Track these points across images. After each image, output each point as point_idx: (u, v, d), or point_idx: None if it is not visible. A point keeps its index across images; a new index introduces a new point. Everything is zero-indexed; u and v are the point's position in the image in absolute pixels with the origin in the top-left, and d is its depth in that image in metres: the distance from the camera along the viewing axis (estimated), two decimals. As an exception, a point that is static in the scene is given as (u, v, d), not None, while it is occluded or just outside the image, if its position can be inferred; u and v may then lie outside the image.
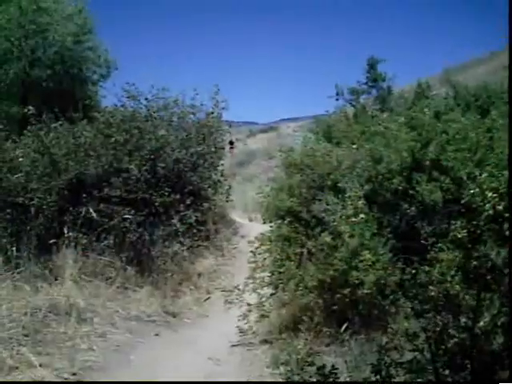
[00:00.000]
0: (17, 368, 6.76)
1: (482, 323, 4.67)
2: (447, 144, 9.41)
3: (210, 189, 13.87)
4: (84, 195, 11.99)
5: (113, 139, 12.58)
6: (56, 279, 9.98)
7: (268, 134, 43.03)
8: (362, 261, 7.68)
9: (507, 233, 4.48)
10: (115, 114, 13.59)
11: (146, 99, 13.88)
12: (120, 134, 12.69)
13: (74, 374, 7.03)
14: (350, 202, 8.56)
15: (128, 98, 13.85)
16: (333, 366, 4.64)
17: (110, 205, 11.83)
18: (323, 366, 4.56)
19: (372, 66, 17.81)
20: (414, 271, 5.44)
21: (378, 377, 4.55)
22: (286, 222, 10.36)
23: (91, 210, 11.54)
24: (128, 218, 11.62)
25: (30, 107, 13.55)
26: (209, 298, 11.60)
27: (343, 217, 8.30)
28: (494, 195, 4.45)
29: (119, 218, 11.60)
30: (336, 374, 4.53)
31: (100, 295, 10.02)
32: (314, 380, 4.52)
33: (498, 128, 10.19)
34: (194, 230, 12.77)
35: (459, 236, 4.54)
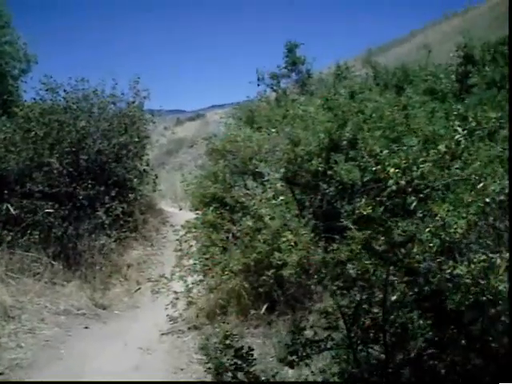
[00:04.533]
0: None
1: (394, 297, 4.82)
2: (364, 123, 9.55)
3: (135, 179, 13.83)
4: (6, 191, 11.81)
5: (32, 133, 12.42)
6: (-19, 278, 9.85)
7: (196, 121, 42.88)
8: (284, 242, 7.76)
9: (411, 207, 4.64)
10: (34, 107, 13.38)
11: (65, 91, 13.65)
12: (39, 127, 12.52)
13: (0, 374, 6.95)
14: (269, 186, 8.67)
15: (46, 90, 13.60)
16: (249, 347, 4.74)
17: (34, 200, 11.70)
18: (240, 348, 4.65)
19: (290, 50, 17.90)
20: (335, 250, 5.54)
21: (295, 357, 4.67)
22: (211, 208, 10.41)
23: (9, 207, 11.39)
24: (51, 213, 11.51)
25: None
26: (139, 288, 11.58)
27: (263, 200, 8.39)
28: (397, 171, 4.59)
29: (43, 213, 11.47)
30: (252, 355, 4.63)
31: (28, 292, 9.95)
32: (233, 362, 4.59)
33: (413, 105, 10.40)
34: (121, 222, 12.75)
35: (364, 213, 4.67)
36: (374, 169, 4.74)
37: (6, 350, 7.76)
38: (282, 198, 8.35)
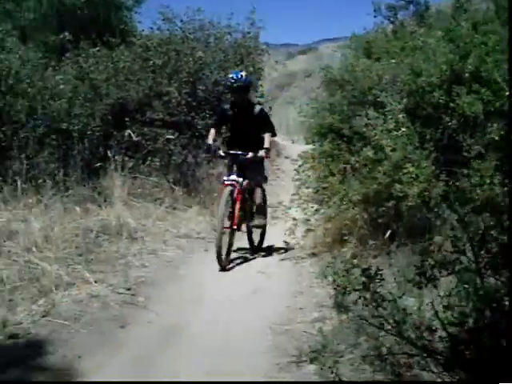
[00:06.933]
0: (74, 284, 7.02)
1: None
2: (486, 56, 9.25)
3: (251, 110, 13.88)
4: (127, 119, 12.18)
5: (151, 63, 12.69)
6: (105, 201, 10.26)
7: (307, 55, 42.39)
8: (405, 174, 7.70)
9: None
10: (152, 37, 13.61)
11: (182, 21, 13.85)
12: (158, 57, 12.76)
13: (128, 289, 7.24)
14: (390, 116, 8.55)
15: (164, 20, 13.80)
16: (377, 267, 4.75)
17: (154, 128, 12.01)
18: (368, 268, 4.68)
19: (408, -20, 17.35)
20: (457, 182, 5.48)
21: (423, 278, 4.69)
22: (328, 139, 10.39)
23: (131, 133, 11.73)
24: (171, 139, 11.80)
25: (67, 33, 13.64)
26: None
27: (384, 131, 8.31)
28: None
29: (163, 141, 11.78)
30: (381, 275, 4.65)
31: (149, 215, 10.32)
32: (361, 281, 4.62)
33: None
34: (238, 152, 12.89)
35: (496, 138, 4.61)
36: (506, 93, 4.63)
37: (132, 268, 8.11)
38: (403, 129, 8.25)
